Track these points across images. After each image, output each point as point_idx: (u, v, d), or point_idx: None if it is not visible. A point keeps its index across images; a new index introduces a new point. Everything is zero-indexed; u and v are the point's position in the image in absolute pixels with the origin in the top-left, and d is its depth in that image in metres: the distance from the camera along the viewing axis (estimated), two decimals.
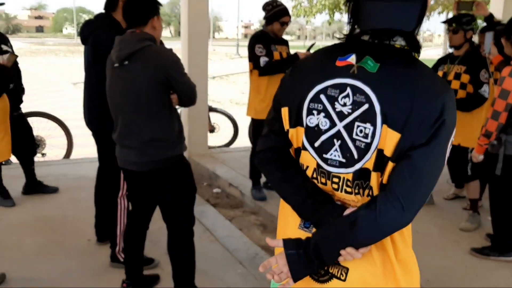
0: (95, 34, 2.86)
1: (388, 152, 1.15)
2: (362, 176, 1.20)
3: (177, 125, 2.44)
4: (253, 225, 4.11)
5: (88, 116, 3.06)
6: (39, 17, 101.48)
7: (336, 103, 1.20)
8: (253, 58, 3.99)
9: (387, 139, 1.14)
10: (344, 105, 1.19)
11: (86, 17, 77.95)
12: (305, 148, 1.27)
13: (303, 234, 1.29)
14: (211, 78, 16.84)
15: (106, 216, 3.24)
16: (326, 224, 1.22)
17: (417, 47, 1.19)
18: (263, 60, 3.91)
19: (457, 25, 3.72)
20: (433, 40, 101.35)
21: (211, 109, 6.52)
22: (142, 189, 2.56)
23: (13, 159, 4.59)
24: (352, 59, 1.19)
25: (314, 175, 1.28)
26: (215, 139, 6.66)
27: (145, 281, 2.79)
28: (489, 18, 3.98)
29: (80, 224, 3.68)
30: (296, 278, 1.23)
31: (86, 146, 6.90)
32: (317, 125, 1.23)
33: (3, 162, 4.02)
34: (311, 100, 1.23)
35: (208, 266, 3.15)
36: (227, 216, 4.19)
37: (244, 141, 6.93)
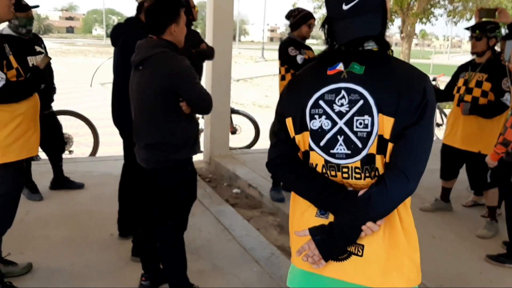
0: (124, 37, 2.99)
1: (387, 135, 1.35)
2: (368, 161, 1.38)
3: (186, 130, 2.48)
4: (271, 225, 4.18)
5: (115, 115, 3.20)
6: (70, 18, 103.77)
7: (334, 105, 1.40)
8: (287, 60, 4.06)
9: (384, 124, 1.34)
10: (342, 105, 1.39)
11: (115, 18, 79.35)
12: (312, 149, 1.46)
13: (321, 221, 1.47)
14: (235, 81, 16.99)
15: (129, 212, 3.37)
16: (344, 207, 1.40)
17: (386, 47, 1.41)
18: (300, 57, 4.01)
19: (480, 32, 3.72)
20: (462, 46, 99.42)
21: (233, 111, 6.61)
22: (150, 186, 2.67)
23: (42, 155, 4.78)
24: (340, 66, 1.41)
25: (324, 170, 1.46)
26: (236, 141, 6.77)
27: (162, 275, 2.88)
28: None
29: (103, 219, 3.81)
30: (327, 258, 1.42)
31: (111, 145, 7.10)
32: (320, 127, 1.42)
33: (33, 158, 4.19)
34: (312, 107, 1.43)
35: (224, 263, 3.24)
36: (246, 216, 4.27)
37: (265, 143, 7.00)
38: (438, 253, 3.50)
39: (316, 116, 1.42)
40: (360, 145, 1.37)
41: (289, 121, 1.49)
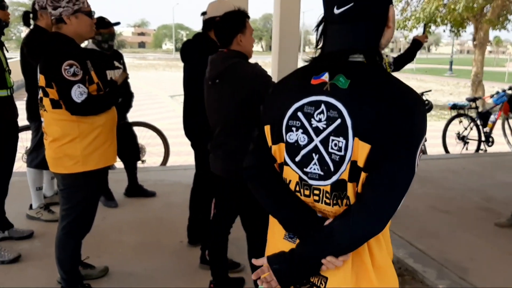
0: (194, 53, 3.10)
1: (361, 163, 1.19)
2: (339, 187, 1.25)
3: None
4: None
5: (187, 128, 3.33)
6: (142, 34, 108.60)
7: (312, 119, 1.27)
8: None
9: (359, 150, 1.19)
10: (320, 121, 1.25)
11: (183, 33, 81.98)
12: (287, 164, 1.34)
13: (288, 245, 1.37)
14: None
15: (199, 220, 3.46)
16: (307, 236, 1.29)
17: (374, 62, 1.24)
18: (389, 58, 4.01)
19: None
20: None
21: None
22: (227, 195, 2.71)
23: (117, 164, 5.02)
24: (326, 77, 1.26)
25: (297, 188, 1.34)
26: None
27: (230, 283, 2.93)
28: None
29: (174, 226, 3.95)
30: (285, 286, 1.31)
31: (180, 154, 7.34)
32: (297, 141, 1.30)
33: (109, 167, 4.41)
34: (290, 118, 1.31)
35: None
36: None
37: None
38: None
39: (293, 129, 1.30)
40: (332, 168, 1.24)
41: (267, 129, 1.37)
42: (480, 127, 7.98)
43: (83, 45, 2.79)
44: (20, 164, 4.49)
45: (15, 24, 37.69)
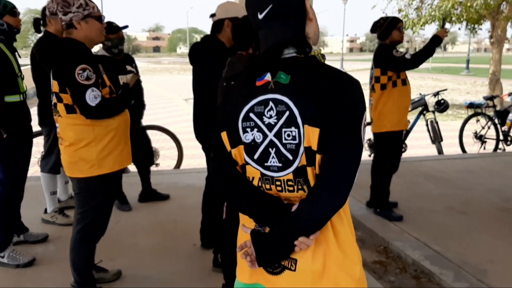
0: (202, 55, 3.09)
1: (314, 146, 1.31)
2: (300, 173, 1.35)
3: None
4: None
5: (198, 131, 3.32)
6: (156, 38, 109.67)
7: (263, 117, 1.37)
8: (394, 62, 3.98)
9: (311, 135, 1.30)
10: (270, 117, 1.36)
11: (198, 37, 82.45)
12: (247, 163, 1.44)
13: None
14: None
15: (212, 223, 3.45)
16: (277, 222, 1.38)
17: (306, 51, 1.37)
18: (408, 54, 3.97)
19: None
20: None
21: None
22: None
23: (131, 168, 5.06)
24: (268, 77, 1.38)
25: (260, 184, 1.44)
26: None
27: None
28: None
29: (187, 229, 3.95)
30: (260, 264, 1.41)
31: (194, 157, 7.36)
32: (253, 140, 1.40)
33: (123, 171, 4.44)
34: (243, 120, 1.41)
35: None
36: None
37: None
38: None
39: (248, 129, 1.40)
40: (290, 157, 1.35)
41: (224, 135, 1.47)
42: (498, 125, 7.85)
43: (93, 52, 2.80)
44: (36, 169, 4.54)
45: (33, 31, 38.26)
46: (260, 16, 1.38)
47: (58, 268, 3.25)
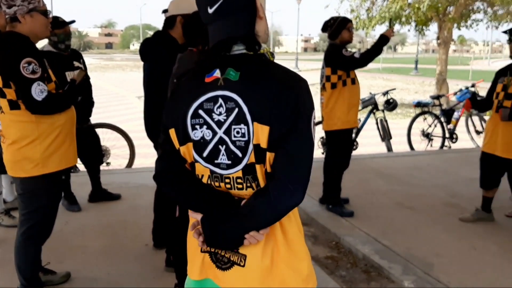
0: (153, 50, 3.04)
1: (263, 144, 1.31)
2: (249, 171, 1.35)
3: None
4: (305, 236, 4.13)
5: (149, 129, 3.25)
6: (109, 34, 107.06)
7: (213, 114, 1.36)
8: (343, 61, 4.05)
9: (260, 133, 1.30)
10: (220, 114, 1.35)
11: (151, 33, 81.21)
12: (196, 161, 1.43)
13: None
14: None
15: (164, 222, 3.40)
16: (227, 216, 1.37)
17: (255, 48, 1.37)
18: (357, 54, 4.04)
19: None
20: (503, 51, 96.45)
21: None
22: None
23: (81, 167, 4.91)
24: (217, 73, 1.37)
25: (209, 181, 1.43)
26: None
27: None
28: None
29: (139, 230, 3.88)
30: (209, 244, 1.41)
31: (147, 156, 7.24)
32: (202, 137, 1.39)
33: (72, 170, 4.30)
34: (192, 117, 1.39)
35: None
36: None
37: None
38: (479, 266, 3.38)
39: (197, 127, 1.39)
40: (240, 154, 1.35)
41: (172, 132, 1.44)
42: (444, 124, 8.16)
43: (39, 47, 2.70)
44: None
45: None
46: (210, 11, 1.36)
47: (4, 270, 3.13)
